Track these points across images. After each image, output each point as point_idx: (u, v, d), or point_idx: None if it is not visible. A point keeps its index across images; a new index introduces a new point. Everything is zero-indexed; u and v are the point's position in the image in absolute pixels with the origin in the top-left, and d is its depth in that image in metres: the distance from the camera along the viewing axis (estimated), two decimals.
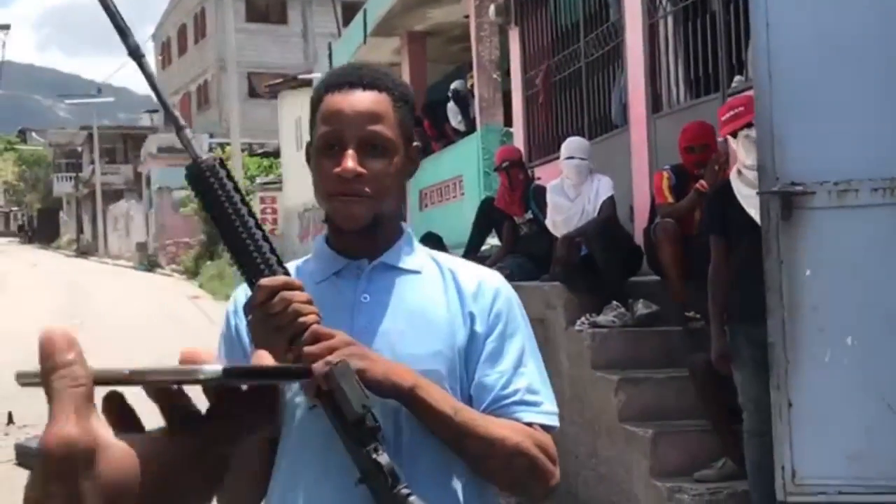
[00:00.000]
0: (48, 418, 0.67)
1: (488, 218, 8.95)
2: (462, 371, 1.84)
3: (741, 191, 5.19)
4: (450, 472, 1.80)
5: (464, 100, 13.62)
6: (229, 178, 1.68)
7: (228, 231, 1.67)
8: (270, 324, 1.66)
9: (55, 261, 44.65)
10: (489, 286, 1.90)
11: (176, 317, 20.75)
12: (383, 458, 1.63)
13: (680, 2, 8.07)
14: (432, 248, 2.03)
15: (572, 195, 7.39)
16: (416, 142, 1.92)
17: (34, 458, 0.69)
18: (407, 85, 1.94)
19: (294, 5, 44.80)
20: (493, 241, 9.23)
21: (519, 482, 1.83)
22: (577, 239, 7.15)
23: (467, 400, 1.83)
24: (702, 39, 7.70)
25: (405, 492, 1.62)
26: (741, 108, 5.24)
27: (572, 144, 7.59)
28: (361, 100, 1.82)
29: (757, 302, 4.70)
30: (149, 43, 55.07)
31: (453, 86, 13.69)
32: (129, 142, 51.34)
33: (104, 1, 1.63)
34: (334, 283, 1.87)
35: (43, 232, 62.26)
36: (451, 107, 13.65)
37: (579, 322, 6.76)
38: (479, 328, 1.86)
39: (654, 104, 8.40)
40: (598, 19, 9.52)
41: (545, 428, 1.85)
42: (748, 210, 5.09)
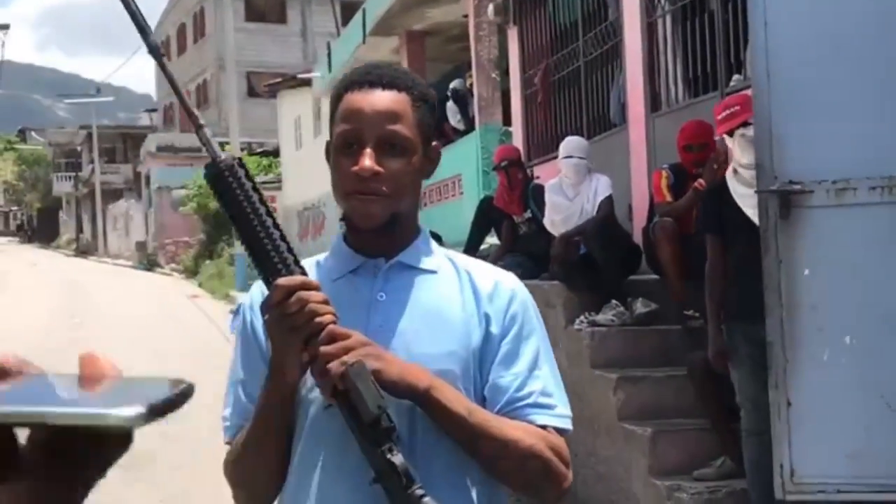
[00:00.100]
0: None
1: (487, 217, 8.95)
2: (476, 372, 1.84)
3: (737, 189, 5.18)
4: (463, 473, 1.80)
5: (463, 99, 13.63)
6: (248, 178, 1.70)
7: (246, 230, 1.69)
8: (287, 323, 1.66)
9: (55, 260, 44.65)
10: (505, 288, 1.91)
11: (175, 316, 20.75)
12: (398, 459, 1.63)
13: (678, 1, 8.07)
14: None
15: (571, 194, 7.39)
16: (436, 141, 1.92)
17: None
18: (427, 85, 1.93)
19: (293, 5, 44.78)
20: (492, 240, 9.23)
21: (532, 484, 1.83)
22: (576, 238, 7.15)
23: (480, 401, 1.83)
24: (700, 38, 7.70)
25: (419, 492, 1.63)
26: (737, 107, 5.23)
27: (571, 143, 7.59)
28: (381, 99, 1.81)
29: (754, 300, 4.71)
30: None
31: (452, 85, 13.70)
32: (129, 141, 51.37)
33: (126, 1, 1.66)
34: (351, 281, 1.87)
35: (42, 231, 62.26)
36: (450, 106, 13.65)
37: (578, 321, 6.76)
38: (495, 329, 1.86)
39: (653, 103, 8.41)
40: (597, 18, 9.52)
41: (559, 431, 1.85)
42: (744, 209, 5.10)
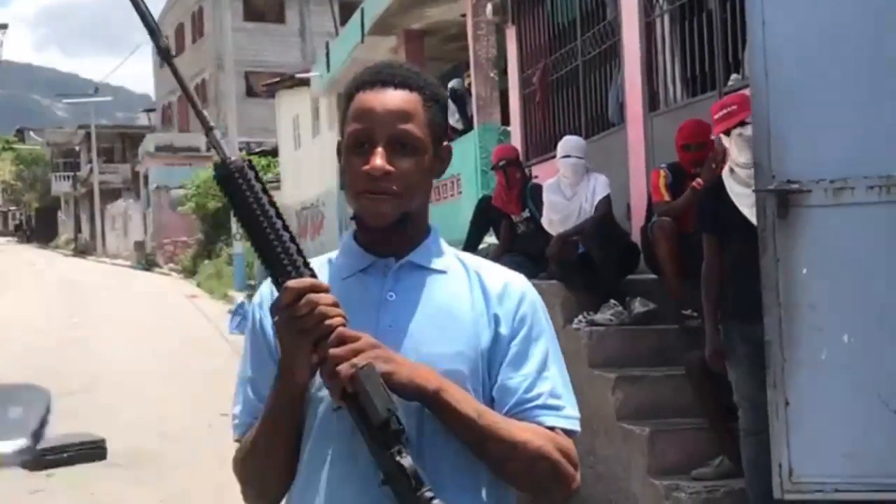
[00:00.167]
0: None
1: (485, 216, 8.95)
2: (485, 373, 1.84)
3: (733, 189, 5.18)
4: (472, 474, 1.80)
5: (461, 98, 13.62)
6: (258, 180, 1.71)
7: (256, 232, 1.70)
8: (296, 326, 1.67)
9: (53, 260, 44.62)
10: (515, 289, 1.90)
11: (173, 315, 20.74)
12: (407, 461, 1.63)
13: (676, 0, 8.07)
14: None
15: (569, 194, 7.39)
16: (447, 141, 1.92)
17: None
18: (439, 84, 1.93)
19: (291, 4, 44.75)
20: (491, 240, 9.23)
21: (540, 485, 1.82)
22: (574, 238, 7.15)
23: (489, 402, 1.82)
24: (698, 38, 7.71)
25: (429, 495, 1.63)
26: (734, 107, 5.22)
27: (568, 143, 7.59)
28: (392, 98, 1.81)
29: (751, 300, 4.71)
30: (146, 42, 55.02)
31: (450, 84, 13.68)
32: (127, 141, 51.38)
33: (137, 5, 1.70)
34: (361, 280, 1.87)
35: (41, 231, 62.20)
36: (449, 105, 13.64)
37: (576, 320, 6.76)
38: (504, 330, 1.85)
39: (651, 102, 8.41)
40: (595, 17, 9.52)
41: (567, 432, 1.85)
42: (741, 208, 5.09)
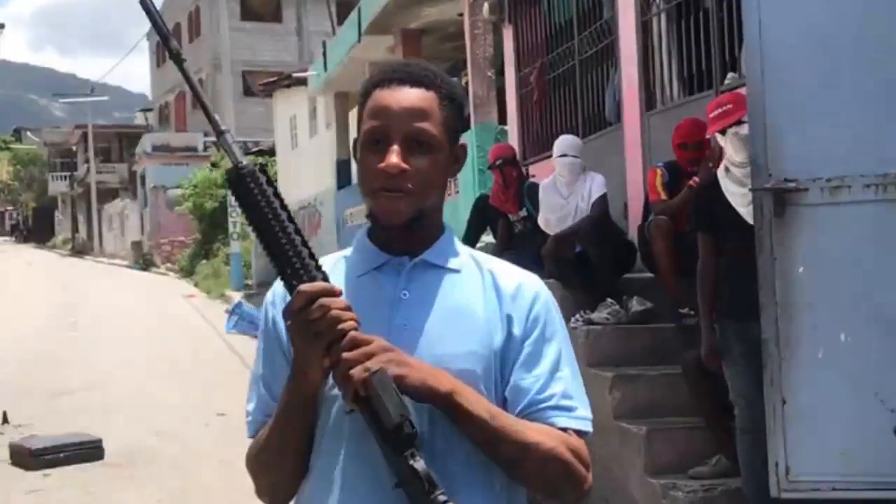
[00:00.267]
0: None
1: (483, 216, 8.94)
2: (497, 373, 1.83)
3: (729, 188, 5.18)
4: (484, 475, 1.80)
5: None
6: (269, 184, 1.72)
7: (267, 236, 1.71)
8: (309, 330, 1.67)
9: (50, 260, 44.60)
10: (528, 289, 1.90)
11: (171, 315, 20.74)
12: (420, 465, 1.63)
13: None
14: None
15: (565, 193, 7.40)
16: (463, 140, 1.92)
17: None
18: (456, 83, 1.92)
19: (288, 4, 44.74)
20: (488, 239, 9.23)
21: (552, 486, 1.82)
22: (571, 237, 7.15)
23: (501, 402, 1.82)
24: (695, 36, 7.71)
25: (442, 498, 1.63)
26: (730, 106, 5.21)
27: (564, 142, 7.59)
28: (408, 96, 1.81)
29: (747, 298, 4.71)
30: (143, 42, 55.04)
31: None
32: (124, 141, 51.32)
33: (148, 8, 1.72)
34: (375, 278, 1.87)
35: (38, 231, 62.14)
36: None
37: (574, 319, 6.77)
38: (517, 331, 1.85)
39: (648, 101, 8.41)
40: (592, 17, 9.53)
41: (579, 433, 1.84)
42: (736, 207, 5.09)
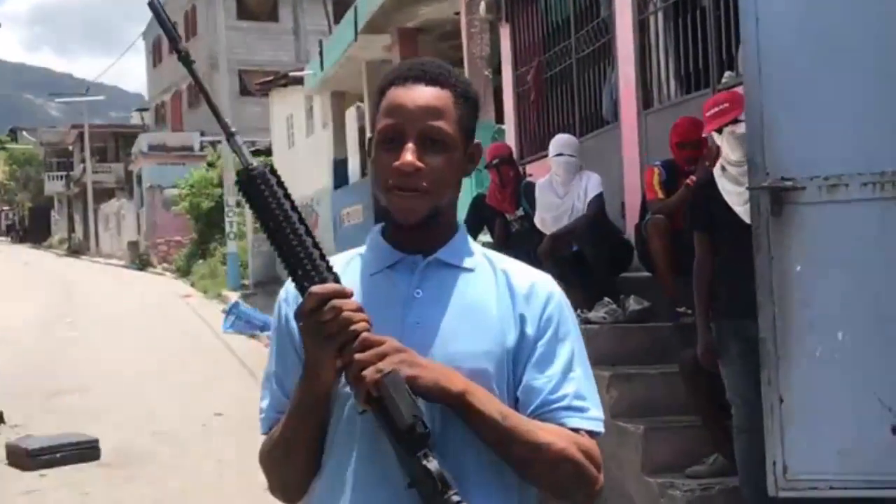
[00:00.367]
0: None
1: (480, 215, 8.94)
2: (510, 372, 1.83)
3: (725, 187, 5.17)
4: (495, 475, 1.80)
5: None
6: (280, 185, 1.72)
7: (279, 237, 1.71)
8: (320, 331, 1.67)
9: (46, 260, 44.56)
10: (542, 289, 1.89)
11: (168, 315, 20.73)
12: (433, 465, 1.63)
13: None
14: None
15: (561, 192, 7.39)
16: (478, 139, 1.92)
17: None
18: (470, 83, 1.93)
19: (285, 3, 44.73)
20: (485, 238, 9.22)
21: (563, 487, 1.82)
22: (567, 236, 7.15)
23: (513, 402, 1.82)
24: (692, 35, 7.71)
25: (455, 499, 1.63)
26: (726, 105, 5.21)
27: (560, 141, 7.59)
28: (423, 95, 1.82)
29: (743, 297, 4.70)
30: (140, 41, 54.96)
31: None
32: (120, 140, 51.27)
33: (157, 11, 1.73)
34: (388, 277, 1.87)
35: (34, 231, 62.06)
36: None
37: None
38: (530, 331, 1.85)
39: (645, 100, 8.41)
40: (589, 15, 9.53)
41: (591, 434, 1.85)
42: (732, 206, 5.09)
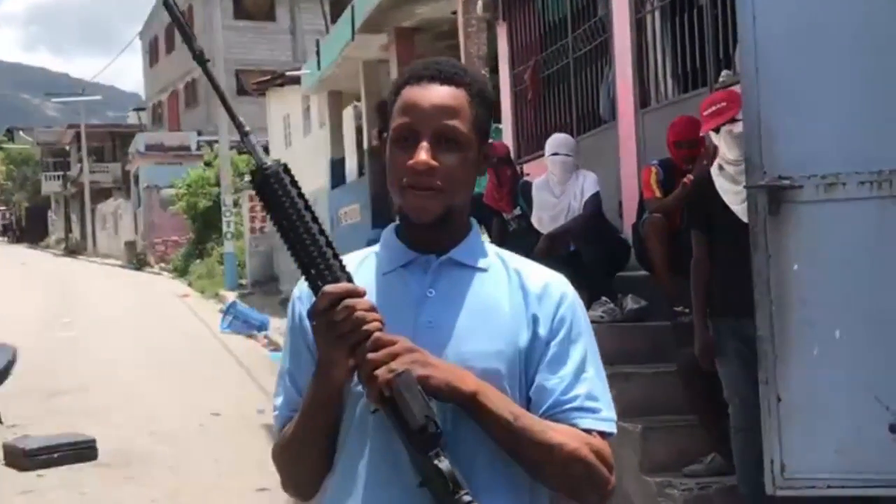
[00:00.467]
0: None
1: (477, 214, 8.82)
2: (522, 373, 1.83)
3: (723, 186, 5.17)
4: (507, 475, 1.80)
5: None
6: (293, 185, 1.72)
7: (292, 237, 1.71)
8: (333, 331, 1.67)
9: (44, 260, 44.50)
10: (555, 290, 1.89)
11: (165, 315, 20.72)
12: (444, 465, 1.63)
13: None
14: None
15: (558, 192, 7.39)
16: (492, 139, 1.92)
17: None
18: (486, 82, 1.93)
19: (282, 2, 44.67)
20: (483, 238, 9.22)
21: (575, 488, 1.82)
22: (564, 235, 7.15)
23: (525, 402, 1.82)
24: (689, 34, 7.71)
25: (466, 499, 1.63)
26: (723, 104, 5.20)
27: (557, 141, 7.59)
28: (438, 94, 1.82)
29: (741, 296, 4.70)
30: (136, 41, 54.93)
31: None
32: (117, 140, 51.20)
33: (171, 10, 1.74)
34: (401, 276, 1.87)
35: (31, 231, 62.00)
36: None
37: None
38: (542, 331, 1.85)
39: (642, 99, 8.42)
40: (586, 14, 9.53)
41: (603, 434, 1.84)
42: (730, 205, 5.09)
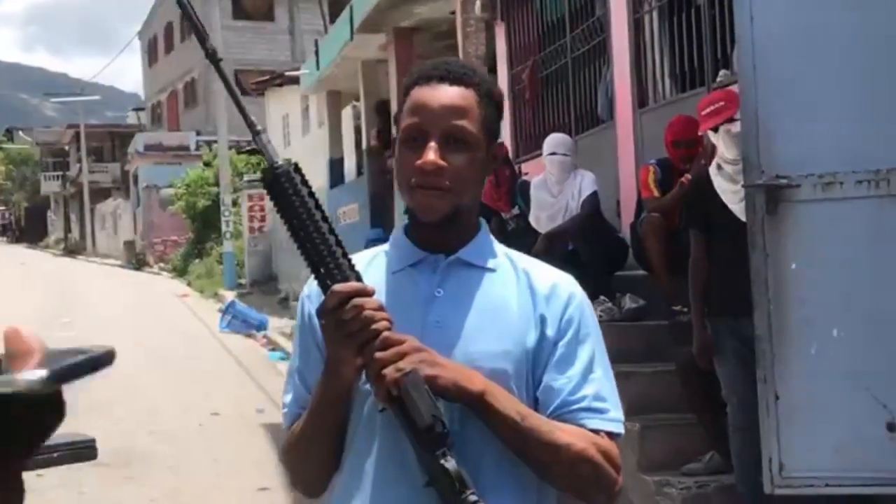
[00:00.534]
0: None
1: None
2: (529, 373, 1.83)
3: (721, 185, 5.17)
4: (514, 475, 1.80)
5: None
6: (304, 184, 1.72)
7: (301, 235, 1.71)
8: (341, 330, 1.68)
9: (43, 260, 44.50)
10: (563, 290, 1.89)
11: (164, 315, 20.71)
12: (451, 465, 1.63)
13: None
14: None
15: (555, 191, 7.39)
16: (500, 139, 1.93)
17: None
18: (494, 82, 1.93)
19: (281, 2, 44.67)
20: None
21: (582, 488, 1.83)
22: (562, 235, 7.15)
23: (533, 402, 1.82)
24: (687, 34, 7.71)
25: (472, 499, 1.63)
26: (721, 103, 5.21)
27: (554, 140, 7.59)
28: (447, 94, 1.82)
29: (739, 295, 4.70)
30: (135, 41, 54.94)
31: None
32: (116, 140, 51.21)
33: (186, 9, 1.74)
34: (410, 275, 1.87)
35: (30, 231, 61.99)
36: None
37: None
38: (550, 332, 1.85)
39: (640, 99, 8.42)
40: (584, 14, 9.53)
41: (610, 435, 1.86)
42: (728, 205, 5.09)
